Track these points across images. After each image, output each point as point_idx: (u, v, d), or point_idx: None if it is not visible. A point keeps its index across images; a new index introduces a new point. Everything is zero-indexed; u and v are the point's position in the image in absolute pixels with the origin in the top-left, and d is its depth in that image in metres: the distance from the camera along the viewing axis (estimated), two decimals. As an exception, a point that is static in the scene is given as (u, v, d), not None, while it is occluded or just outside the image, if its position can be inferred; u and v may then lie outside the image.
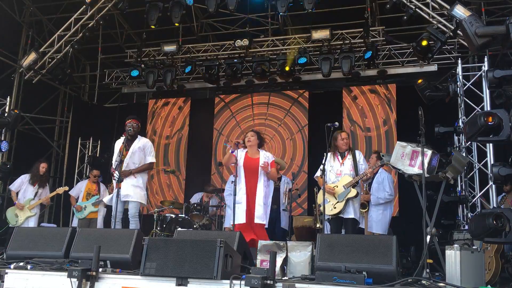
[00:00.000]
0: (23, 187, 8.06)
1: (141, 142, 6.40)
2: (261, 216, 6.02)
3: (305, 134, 10.55)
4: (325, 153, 6.11)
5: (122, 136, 6.40)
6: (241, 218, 5.97)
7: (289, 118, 10.78)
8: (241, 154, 6.19)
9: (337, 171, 6.13)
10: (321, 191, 6.20)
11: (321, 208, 6.22)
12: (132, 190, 6.18)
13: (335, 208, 5.97)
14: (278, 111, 10.88)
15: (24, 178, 8.15)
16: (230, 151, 6.12)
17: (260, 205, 6.04)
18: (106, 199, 6.37)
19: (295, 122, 10.71)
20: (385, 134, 10.05)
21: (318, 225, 7.19)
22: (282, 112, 10.84)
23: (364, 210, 7.06)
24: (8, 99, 9.27)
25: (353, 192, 5.94)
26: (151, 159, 6.42)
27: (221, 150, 10.76)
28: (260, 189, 6.10)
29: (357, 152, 6.25)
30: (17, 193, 8.08)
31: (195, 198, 9.13)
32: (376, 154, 7.30)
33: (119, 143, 6.30)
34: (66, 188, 8.67)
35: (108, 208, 7.97)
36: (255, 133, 6.38)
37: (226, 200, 7.76)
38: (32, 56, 9.37)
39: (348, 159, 6.16)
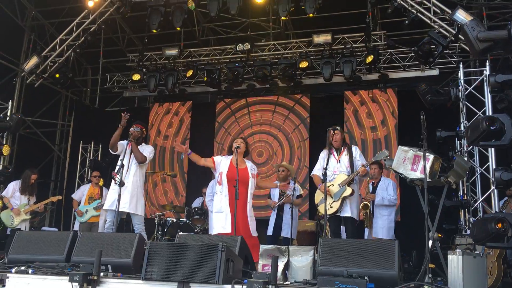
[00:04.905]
0: (15, 194, 8.10)
1: (143, 147, 6.44)
2: (255, 229, 5.83)
3: (306, 138, 10.56)
4: (321, 153, 6.12)
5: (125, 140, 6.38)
6: (226, 228, 5.61)
7: (290, 122, 10.80)
8: (225, 161, 5.91)
9: (334, 168, 6.05)
10: (318, 191, 6.19)
11: (318, 207, 6.20)
12: (134, 202, 6.17)
13: (331, 207, 5.93)
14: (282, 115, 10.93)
15: (15, 184, 8.18)
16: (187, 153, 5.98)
17: (252, 216, 5.81)
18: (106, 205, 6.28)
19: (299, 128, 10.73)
20: (386, 139, 10.04)
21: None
22: (284, 117, 10.88)
23: (366, 210, 7.03)
24: (10, 103, 9.27)
25: (348, 191, 5.88)
26: (146, 154, 6.36)
27: (220, 152, 10.77)
28: (250, 201, 5.83)
29: (353, 148, 6.18)
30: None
31: (196, 203, 9.12)
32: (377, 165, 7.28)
33: (124, 142, 6.31)
34: (60, 197, 8.94)
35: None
36: (244, 141, 6.08)
37: (209, 205, 7.55)
38: (34, 60, 9.39)
39: (345, 155, 6.10)
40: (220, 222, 5.68)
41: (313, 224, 8.16)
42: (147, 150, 6.41)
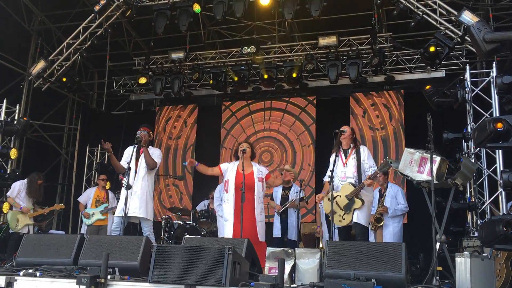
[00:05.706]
0: (19, 194, 8.11)
1: (151, 150, 6.36)
2: (264, 234, 5.79)
3: (313, 140, 10.55)
4: (331, 157, 6.07)
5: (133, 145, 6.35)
6: (228, 234, 5.70)
7: (298, 124, 10.81)
8: (232, 168, 5.91)
9: (340, 174, 5.89)
10: (326, 201, 6.12)
11: (330, 218, 6.10)
12: (143, 207, 6.13)
13: (344, 219, 5.83)
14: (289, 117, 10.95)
15: (21, 185, 8.17)
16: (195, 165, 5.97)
17: (261, 221, 5.78)
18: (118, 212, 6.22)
19: (305, 129, 10.73)
20: (393, 141, 10.01)
21: (321, 246, 7.07)
22: (292, 119, 10.90)
23: (379, 224, 6.99)
24: (18, 106, 9.32)
25: (358, 203, 5.75)
26: (156, 159, 6.28)
27: (228, 157, 10.77)
28: (258, 206, 5.80)
29: (361, 148, 5.97)
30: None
31: (202, 205, 9.13)
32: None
33: (129, 150, 6.26)
34: (63, 206, 9.06)
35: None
36: (250, 145, 6.06)
37: (217, 210, 7.63)
38: (41, 64, 9.45)
39: (352, 159, 5.92)
40: (227, 231, 5.76)
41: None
42: (155, 154, 6.33)
